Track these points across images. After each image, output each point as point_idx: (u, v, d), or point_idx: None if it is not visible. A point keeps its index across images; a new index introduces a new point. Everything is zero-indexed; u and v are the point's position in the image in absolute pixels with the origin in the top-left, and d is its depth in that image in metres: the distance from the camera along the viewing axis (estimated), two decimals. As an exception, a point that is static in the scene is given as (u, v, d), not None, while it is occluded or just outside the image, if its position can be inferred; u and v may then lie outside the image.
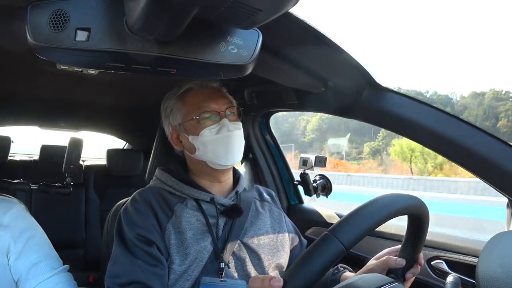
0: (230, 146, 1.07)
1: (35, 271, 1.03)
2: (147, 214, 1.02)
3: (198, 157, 1.09)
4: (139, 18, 0.64)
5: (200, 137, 1.06)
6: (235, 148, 1.08)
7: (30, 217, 1.12)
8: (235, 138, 1.08)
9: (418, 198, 0.84)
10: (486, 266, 0.74)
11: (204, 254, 1.00)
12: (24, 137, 3.27)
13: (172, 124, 1.14)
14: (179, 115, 1.12)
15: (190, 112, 1.09)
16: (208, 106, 1.08)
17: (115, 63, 0.76)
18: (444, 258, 1.26)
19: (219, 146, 1.06)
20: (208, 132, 1.06)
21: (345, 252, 0.68)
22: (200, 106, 1.08)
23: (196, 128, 1.08)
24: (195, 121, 1.08)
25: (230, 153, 1.07)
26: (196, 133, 1.07)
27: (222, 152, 1.06)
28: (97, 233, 2.77)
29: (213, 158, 1.07)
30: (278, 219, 1.20)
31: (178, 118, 1.12)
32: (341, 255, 0.69)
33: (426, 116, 1.08)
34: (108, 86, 1.85)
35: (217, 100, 1.10)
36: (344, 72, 1.14)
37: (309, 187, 1.79)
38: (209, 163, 1.08)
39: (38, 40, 0.68)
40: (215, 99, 1.10)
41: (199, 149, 1.07)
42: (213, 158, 1.07)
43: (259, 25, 0.72)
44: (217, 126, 1.07)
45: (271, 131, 2.02)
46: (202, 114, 1.07)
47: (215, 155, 1.06)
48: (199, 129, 1.07)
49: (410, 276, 0.96)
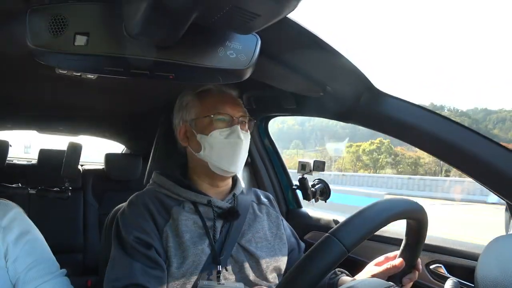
0: (236, 153, 1.07)
1: (32, 275, 1.02)
2: (144, 217, 1.02)
3: (201, 156, 1.08)
4: (138, 23, 0.64)
5: (209, 137, 1.07)
6: (240, 157, 1.08)
7: (28, 220, 1.11)
8: (242, 147, 1.08)
9: (417, 203, 0.84)
10: (485, 269, 0.74)
11: (202, 257, 1.00)
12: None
13: (184, 118, 1.14)
14: (193, 111, 1.12)
15: (205, 110, 1.10)
16: (223, 109, 1.09)
17: (113, 67, 0.77)
18: (443, 262, 1.26)
19: (225, 151, 1.06)
20: (218, 134, 1.06)
21: (346, 254, 0.69)
22: (216, 107, 1.09)
23: (207, 128, 1.08)
24: (208, 120, 1.08)
25: (234, 160, 1.07)
26: (206, 132, 1.07)
27: (226, 157, 1.06)
28: (95, 238, 2.76)
29: (217, 161, 1.06)
30: (276, 222, 1.20)
31: (192, 114, 1.12)
32: (343, 257, 0.69)
33: (424, 121, 1.09)
34: (107, 91, 1.85)
35: (233, 106, 1.11)
36: (342, 77, 1.14)
37: (308, 192, 1.79)
38: (210, 166, 1.08)
39: (37, 44, 0.68)
40: (231, 105, 1.11)
41: (205, 149, 1.07)
42: (217, 161, 1.06)
43: (257, 30, 0.72)
44: (228, 131, 1.07)
45: (269, 135, 2.02)
46: (216, 115, 1.08)
47: (219, 158, 1.06)
48: (210, 129, 1.07)
49: (407, 281, 0.96)
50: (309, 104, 1.39)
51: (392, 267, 0.96)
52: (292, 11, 0.62)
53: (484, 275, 0.72)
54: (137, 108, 2.29)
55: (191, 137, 1.12)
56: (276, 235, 1.16)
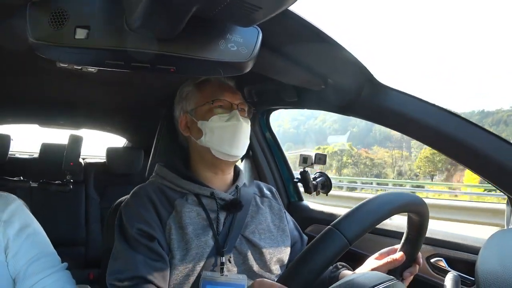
0: (237, 135, 1.08)
1: (34, 269, 1.02)
2: (148, 209, 1.03)
3: (203, 143, 1.09)
4: (138, 16, 0.64)
5: (209, 122, 1.07)
6: (241, 139, 1.09)
7: (29, 214, 1.11)
8: (242, 129, 1.09)
9: (419, 196, 0.84)
10: (485, 263, 0.74)
11: (205, 249, 1.01)
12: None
13: (184, 109, 1.15)
14: (192, 100, 1.13)
15: (204, 98, 1.11)
16: (222, 95, 1.11)
17: (114, 61, 0.76)
18: (444, 256, 1.26)
19: (226, 134, 1.07)
20: (217, 118, 1.07)
21: (348, 246, 0.69)
22: (215, 95, 1.11)
23: (206, 114, 1.09)
24: (207, 107, 1.09)
25: (235, 143, 1.07)
26: (206, 118, 1.08)
27: (227, 140, 1.07)
28: (97, 231, 2.77)
29: (218, 145, 1.07)
30: (278, 215, 1.20)
31: (192, 103, 1.13)
32: (345, 249, 0.69)
33: (426, 114, 1.08)
34: (108, 84, 1.84)
35: (231, 94, 1.12)
36: (344, 69, 1.14)
37: (309, 185, 1.79)
38: (212, 151, 1.08)
39: (37, 38, 0.68)
40: (230, 93, 1.13)
41: (206, 134, 1.08)
42: (218, 145, 1.07)
43: (258, 23, 0.72)
44: (228, 115, 1.08)
45: (271, 128, 2.02)
46: (215, 101, 1.09)
47: (220, 142, 1.07)
48: (210, 115, 1.08)
49: (407, 275, 0.96)
50: (311, 97, 1.39)
51: (392, 261, 0.96)
52: (293, 3, 0.62)
53: (484, 268, 0.73)
54: (138, 101, 2.29)
55: (192, 126, 1.13)
56: (279, 227, 1.17)
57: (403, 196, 0.81)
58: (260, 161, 2.00)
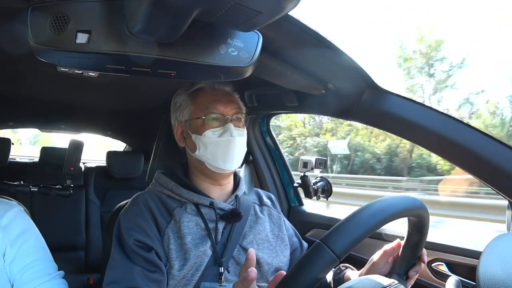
0: (230, 151, 1.07)
1: (28, 276, 1.02)
2: (146, 219, 1.02)
3: (197, 156, 1.09)
4: (139, 20, 0.64)
5: (202, 137, 1.07)
6: (235, 154, 1.08)
7: (28, 219, 1.11)
8: (236, 144, 1.08)
9: (416, 199, 0.82)
10: (486, 268, 0.73)
11: (204, 259, 1.00)
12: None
13: (178, 119, 1.15)
14: (186, 111, 1.12)
15: (197, 111, 1.10)
16: (215, 108, 1.09)
17: (115, 65, 0.77)
18: (445, 260, 1.26)
19: (219, 149, 1.06)
20: (211, 134, 1.07)
21: (337, 261, 0.67)
22: (208, 107, 1.09)
23: (200, 128, 1.08)
24: (201, 121, 1.08)
25: (228, 158, 1.07)
26: (200, 132, 1.08)
27: (220, 155, 1.07)
28: (97, 235, 2.77)
29: (212, 160, 1.07)
30: (277, 223, 1.20)
31: (185, 114, 1.13)
32: (333, 265, 0.68)
33: (426, 118, 1.08)
34: (109, 89, 1.85)
35: (225, 104, 1.10)
36: (344, 74, 1.14)
37: (309, 189, 1.79)
38: (207, 165, 1.08)
39: (38, 42, 0.68)
40: (224, 103, 1.10)
41: (200, 149, 1.08)
42: (212, 160, 1.07)
43: (259, 27, 0.72)
44: (221, 130, 1.08)
45: (271, 133, 2.01)
46: (208, 115, 1.08)
47: (214, 157, 1.07)
48: (203, 129, 1.07)
49: (413, 274, 0.95)
50: (311, 102, 1.39)
51: (390, 249, 0.96)
52: (293, 8, 0.62)
53: (485, 273, 0.72)
54: (139, 105, 2.29)
55: (187, 137, 1.13)
56: (278, 237, 1.16)
57: (397, 202, 0.78)
58: (260, 166, 2.00)
